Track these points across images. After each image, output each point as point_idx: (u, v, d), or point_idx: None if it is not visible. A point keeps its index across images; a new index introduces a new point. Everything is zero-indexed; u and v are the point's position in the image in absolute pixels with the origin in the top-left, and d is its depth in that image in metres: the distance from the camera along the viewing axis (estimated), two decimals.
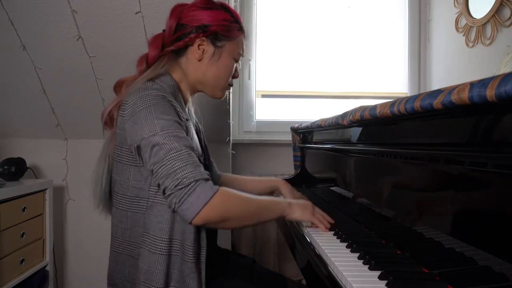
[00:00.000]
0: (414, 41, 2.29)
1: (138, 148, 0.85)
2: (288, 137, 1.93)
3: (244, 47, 1.07)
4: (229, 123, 1.92)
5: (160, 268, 0.85)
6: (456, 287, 0.60)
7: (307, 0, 2.26)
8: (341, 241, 0.90)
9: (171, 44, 0.99)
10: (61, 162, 2.06)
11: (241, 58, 1.07)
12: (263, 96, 2.27)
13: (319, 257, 0.84)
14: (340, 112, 1.12)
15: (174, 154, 0.80)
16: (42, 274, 1.77)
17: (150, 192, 0.88)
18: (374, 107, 0.86)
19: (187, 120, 0.93)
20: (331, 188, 1.38)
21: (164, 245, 0.86)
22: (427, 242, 0.74)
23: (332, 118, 1.20)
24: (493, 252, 0.56)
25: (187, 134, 0.88)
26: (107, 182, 0.98)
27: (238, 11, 2.04)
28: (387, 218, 0.92)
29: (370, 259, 0.73)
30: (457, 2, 1.96)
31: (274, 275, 1.22)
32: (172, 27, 0.98)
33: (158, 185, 0.83)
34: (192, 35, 0.96)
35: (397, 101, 0.75)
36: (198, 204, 0.78)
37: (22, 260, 1.62)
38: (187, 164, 0.80)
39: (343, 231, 0.94)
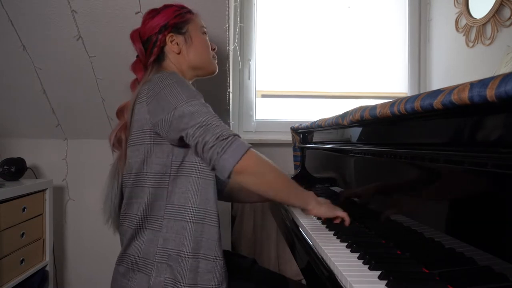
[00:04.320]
0: (414, 41, 2.29)
1: (167, 121, 0.90)
2: (288, 137, 1.93)
3: (202, 22, 1.18)
4: (229, 123, 1.92)
5: (188, 235, 0.92)
6: (456, 287, 0.60)
7: (307, 0, 2.26)
8: (341, 241, 0.90)
9: (149, 57, 1.09)
10: (61, 162, 2.06)
11: (205, 30, 1.18)
12: (263, 96, 2.27)
13: (319, 257, 0.84)
14: (340, 112, 1.12)
15: (208, 115, 0.88)
16: (42, 274, 1.77)
17: (173, 167, 0.95)
18: (374, 107, 0.86)
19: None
20: (331, 188, 1.38)
21: (189, 213, 0.93)
22: (427, 242, 0.74)
23: (332, 118, 1.20)
24: (493, 252, 0.56)
25: None
26: (118, 198, 1.06)
27: (238, 11, 2.05)
28: (387, 218, 0.92)
29: (370, 259, 0.73)
30: (457, 2, 1.96)
31: (275, 275, 1.22)
32: (142, 50, 1.10)
33: (196, 144, 0.87)
34: (160, 37, 1.08)
35: (397, 101, 0.75)
36: (238, 153, 0.84)
37: (22, 260, 1.62)
38: (221, 123, 0.88)
39: (343, 231, 0.94)
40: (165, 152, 0.95)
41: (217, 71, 1.21)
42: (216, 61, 1.20)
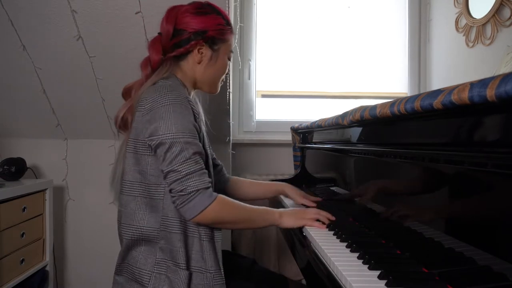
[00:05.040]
0: (414, 41, 2.29)
1: (151, 143, 0.92)
2: (288, 137, 1.93)
3: (232, 45, 1.15)
4: (229, 123, 1.92)
5: (180, 246, 0.93)
6: (455, 287, 0.60)
7: (307, 0, 2.25)
8: (341, 241, 0.90)
9: (171, 49, 1.05)
10: (61, 162, 2.06)
11: (232, 55, 1.16)
12: (263, 96, 2.27)
13: (319, 257, 0.84)
14: (340, 112, 1.12)
15: (184, 161, 0.89)
16: (42, 274, 1.77)
17: None
18: (374, 107, 0.86)
19: (198, 113, 1.00)
20: (331, 188, 1.38)
21: (181, 225, 0.94)
22: (427, 242, 0.74)
23: (332, 118, 1.20)
24: (492, 252, 0.56)
25: (200, 131, 0.97)
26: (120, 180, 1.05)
27: (238, 11, 2.05)
28: (387, 218, 0.92)
29: (370, 259, 0.73)
30: (457, 2, 1.96)
31: (275, 275, 1.22)
32: (169, 32, 1.05)
33: (167, 183, 0.91)
34: (193, 42, 1.04)
35: (397, 101, 0.75)
36: (195, 211, 0.88)
37: (22, 260, 1.62)
38: (193, 173, 0.89)
39: (343, 231, 0.94)
40: (159, 163, 0.94)
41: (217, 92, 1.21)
42: (230, 90, 1.20)
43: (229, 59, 1.15)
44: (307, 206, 1.21)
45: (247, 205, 0.99)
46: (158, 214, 0.95)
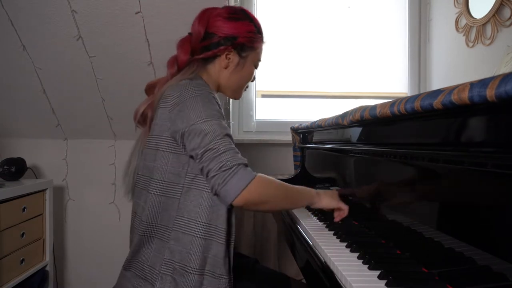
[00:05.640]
0: (414, 41, 2.29)
1: (183, 134, 0.90)
2: (288, 137, 1.93)
3: (261, 54, 1.15)
4: (229, 123, 1.92)
5: (195, 251, 0.90)
6: (455, 287, 0.60)
7: (307, 0, 2.26)
8: (341, 241, 0.90)
9: (200, 51, 1.05)
10: (61, 162, 2.07)
11: (259, 64, 1.16)
12: (263, 96, 2.27)
13: (319, 257, 0.84)
14: (340, 112, 1.12)
15: (219, 140, 0.87)
16: (42, 274, 1.77)
17: (187, 178, 0.93)
18: (374, 107, 0.86)
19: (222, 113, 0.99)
20: (331, 188, 1.38)
21: (199, 228, 0.91)
22: (427, 242, 0.74)
23: (332, 118, 1.20)
24: (492, 252, 0.57)
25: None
26: (133, 176, 1.05)
27: None
28: (387, 218, 0.92)
29: (370, 259, 0.73)
30: (457, 2, 1.96)
31: (277, 274, 1.22)
32: (200, 34, 1.04)
33: (202, 169, 0.88)
34: (222, 47, 1.03)
35: (397, 101, 0.75)
36: (240, 186, 0.84)
37: (22, 260, 1.62)
38: (229, 150, 0.87)
39: (343, 231, 0.95)
40: (181, 163, 0.93)
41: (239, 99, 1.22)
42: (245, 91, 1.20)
43: (256, 67, 1.15)
44: None
45: (286, 183, 0.97)
46: (172, 213, 0.93)
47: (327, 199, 1.04)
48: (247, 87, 1.18)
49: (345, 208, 1.07)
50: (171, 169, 0.93)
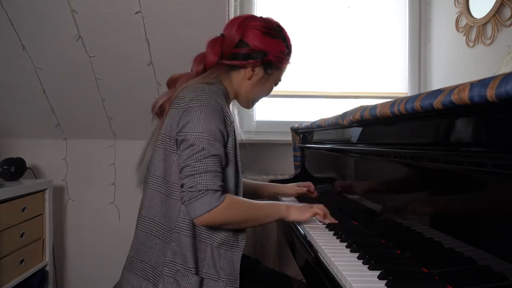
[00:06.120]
0: (414, 41, 2.28)
1: (178, 141, 0.93)
2: (288, 137, 1.93)
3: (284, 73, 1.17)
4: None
5: (198, 253, 0.92)
6: (455, 287, 0.60)
7: (307, 0, 2.25)
8: (341, 241, 0.90)
9: (229, 56, 1.05)
10: (61, 162, 2.06)
11: (280, 83, 1.18)
12: None
13: (319, 257, 0.84)
14: (340, 112, 1.12)
15: (202, 159, 0.89)
16: (41, 274, 1.77)
17: None
18: (374, 107, 0.86)
19: (232, 122, 0.99)
20: (331, 188, 1.38)
21: (200, 231, 0.93)
22: (427, 242, 0.74)
23: (332, 118, 1.20)
24: (492, 252, 0.56)
25: (228, 138, 0.96)
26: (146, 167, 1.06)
27: (238, 11, 2.04)
28: (387, 218, 0.92)
29: (370, 259, 0.73)
30: (458, 2, 1.96)
31: (279, 274, 1.22)
32: (234, 40, 1.04)
33: (180, 177, 0.91)
34: (251, 61, 1.04)
35: (397, 101, 0.75)
36: (201, 210, 0.86)
37: (22, 260, 1.62)
38: (207, 172, 0.88)
39: (343, 231, 0.94)
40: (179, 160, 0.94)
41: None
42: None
43: (276, 85, 1.17)
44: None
45: (255, 202, 0.98)
46: (174, 215, 0.94)
47: (296, 212, 1.03)
48: (258, 100, 1.20)
49: (320, 211, 1.06)
50: (174, 169, 0.94)
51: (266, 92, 1.16)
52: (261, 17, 1.09)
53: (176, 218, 0.93)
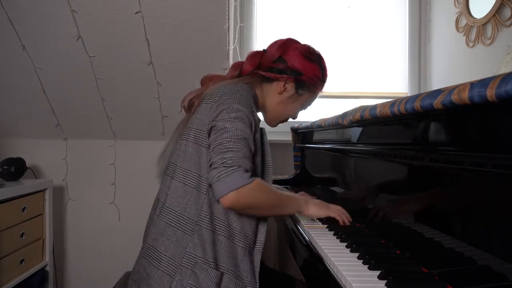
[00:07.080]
0: (414, 41, 2.28)
1: (211, 127, 0.93)
2: (288, 137, 1.93)
3: (314, 100, 1.20)
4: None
5: (218, 248, 0.92)
6: (455, 287, 0.60)
7: (307, 0, 2.25)
8: (341, 241, 0.90)
9: (265, 68, 1.10)
10: (61, 162, 2.06)
11: (307, 107, 1.20)
12: None
13: (319, 257, 0.84)
14: (340, 112, 1.12)
15: (233, 139, 0.89)
16: (41, 274, 1.77)
17: None
18: (374, 107, 0.86)
19: (259, 120, 1.00)
20: (331, 188, 1.38)
21: (221, 226, 0.93)
22: (427, 242, 0.74)
23: (332, 118, 1.21)
24: (492, 252, 0.56)
25: (255, 133, 0.97)
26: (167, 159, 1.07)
27: (238, 11, 2.05)
28: (387, 218, 0.92)
29: (370, 259, 0.73)
30: (458, 2, 1.96)
31: (281, 274, 1.22)
32: (274, 56, 1.10)
33: (209, 160, 0.90)
34: (285, 76, 1.08)
35: (397, 101, 0.75)
36: (231, 186, 0.85)
37: (22, 260, 1.62)
38: (238, 151, 0.88)
39: (343, 231, 0.94)
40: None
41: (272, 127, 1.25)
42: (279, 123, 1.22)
43: (303, 109, 1.19)
44: None
45: (279, 191, 0.99)
46: (198, 207, 0.94)
47: (314, 208, 1.05)
48: (285, 120, 1.20)
49: (337, 212, 1.06)
50: (206, 163, 0.94)
51: (292, 112, 1.17)
52: (304, 44, 1.14)
53: (200, 211, 0.93)
